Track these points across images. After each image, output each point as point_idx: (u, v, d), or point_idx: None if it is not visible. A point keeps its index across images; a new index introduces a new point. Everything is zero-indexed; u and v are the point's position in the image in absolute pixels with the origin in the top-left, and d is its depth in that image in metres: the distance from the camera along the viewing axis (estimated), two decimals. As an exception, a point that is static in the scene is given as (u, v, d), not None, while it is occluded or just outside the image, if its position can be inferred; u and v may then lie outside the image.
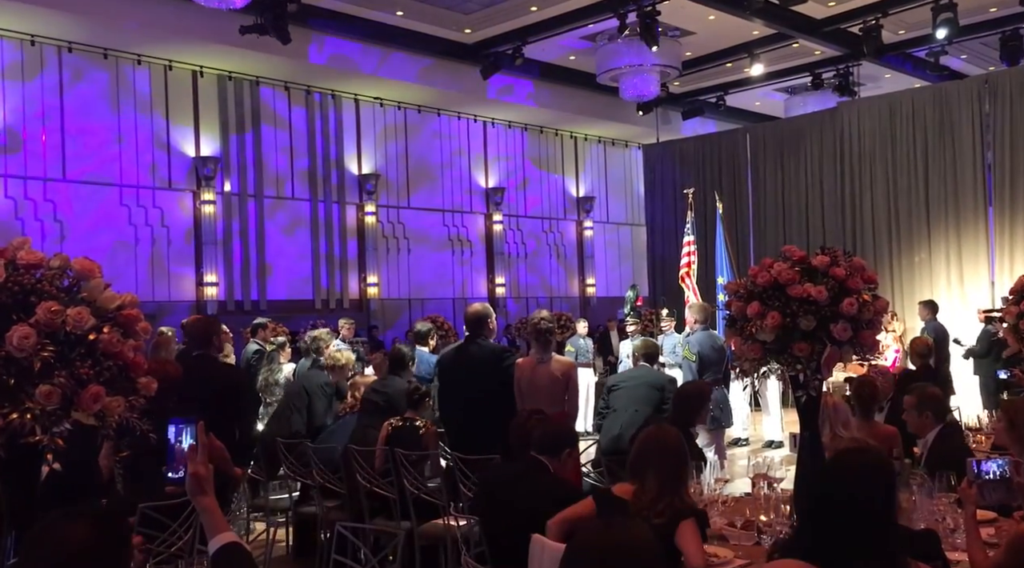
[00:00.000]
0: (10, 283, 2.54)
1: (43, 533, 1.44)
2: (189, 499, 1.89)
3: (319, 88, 13.34)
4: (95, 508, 1.53)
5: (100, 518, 1.48)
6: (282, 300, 12.69)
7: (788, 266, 3.66)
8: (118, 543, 1.48)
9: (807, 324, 3.54)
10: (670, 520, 2.74)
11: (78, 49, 10.98)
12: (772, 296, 3.61)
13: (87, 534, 1.43)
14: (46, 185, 10.83)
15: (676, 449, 2.96)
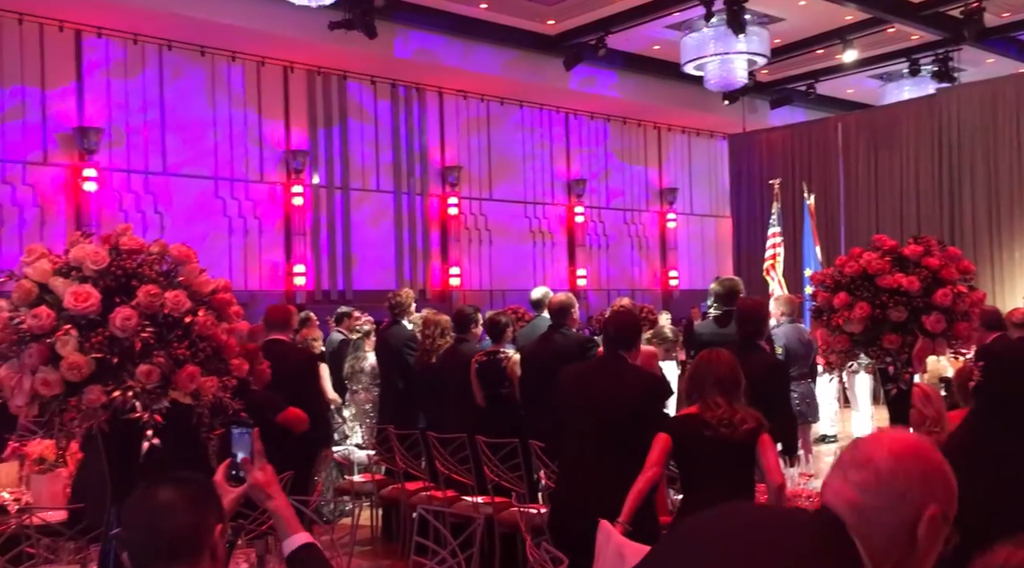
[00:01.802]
0: (114, 267, 2.68)
1: (135, 499, 1.60)
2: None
3: (404, 82, 13.55)
4: (178, 475, 1.67)
5: (181, 481, 1.62)
6: (367, 290, 12.95)
7: (878, 256, 3.55)
8: (201, 502, 1.60)
9: (897, 315, 3.43)
10: (756, 428, 2.89)
11: (177, 47, 11.43)
12: (860, 286, 3.51)
13: (170, 495, 1.57)
14: (147, 178, 11.32)
15: (732, 365, 3.11)
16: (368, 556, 5.33)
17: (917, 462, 1.35)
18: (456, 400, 5.38)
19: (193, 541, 1.54)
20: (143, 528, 1.56)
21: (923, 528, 1.30)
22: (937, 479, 1.34)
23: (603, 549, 2.82)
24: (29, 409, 2.61)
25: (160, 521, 1.54)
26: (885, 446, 1.39)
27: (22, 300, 2.59)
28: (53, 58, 10.56)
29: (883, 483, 1.34)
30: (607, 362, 3.65)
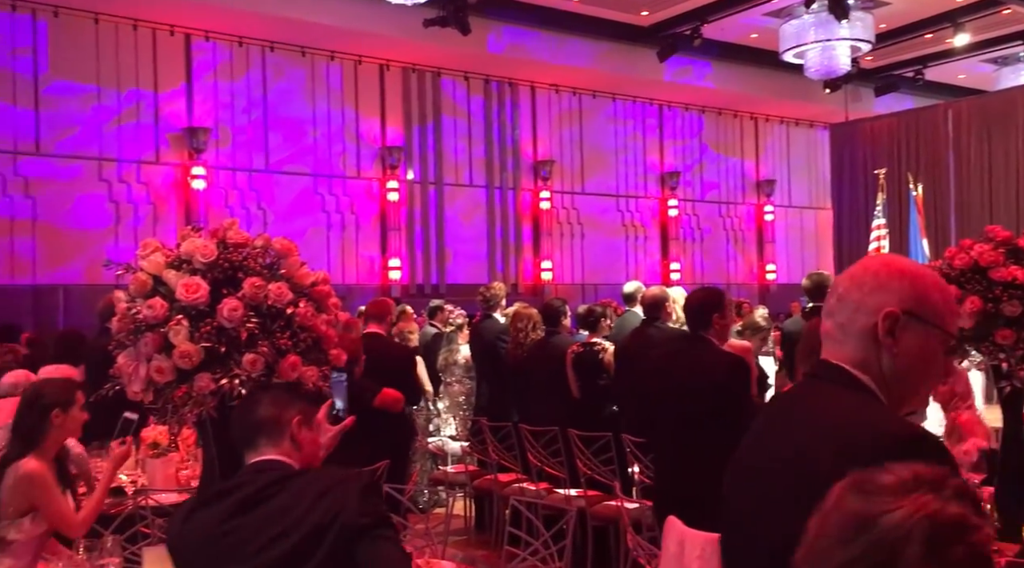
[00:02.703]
0: (221, 260, 2.79)
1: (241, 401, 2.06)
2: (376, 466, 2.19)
3: (497, 77, 13.63)
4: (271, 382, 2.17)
5: (270, 386, 2.11)
6: (460, 284, 13.10)
7: (991, 247, 3.38)
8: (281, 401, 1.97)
9: (1012, 310, 3.25)
10: None
11: (279, 48, 11.81)
12: (971, 280, 3.35)
13: (260, 395, 2.03)
14: (251, 175, 11.74)
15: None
16: (462, 546, 5.41)
17: (872, 273, 1.36)
18: (548, 393, 5.39)
19: (274, 427, 1.89)
20: (240, 418, 1.97)
21: (880, 327, 1.32)
22: (894, 283, 1.34)
23: (667, 542, 2.82)
24: (144, 395, 2.75)
25: (250, 412, 1.95)
26: (847, 271, 1.42)
27: (138, 291, 2.73)
28: (165, 62, 11.06)
29: (842, 301, 1.37)
30: (686, 345, 3.62)
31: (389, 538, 1.77)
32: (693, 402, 3.40)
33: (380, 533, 1.75)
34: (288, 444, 1.88)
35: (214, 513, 1.81)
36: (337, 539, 1.71)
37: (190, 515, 1.87)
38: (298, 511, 1.74)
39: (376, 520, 1.76)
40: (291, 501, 1.77)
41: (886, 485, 0.87)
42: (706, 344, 3.52)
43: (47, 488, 3.01)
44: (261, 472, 1.85)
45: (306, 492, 1.78)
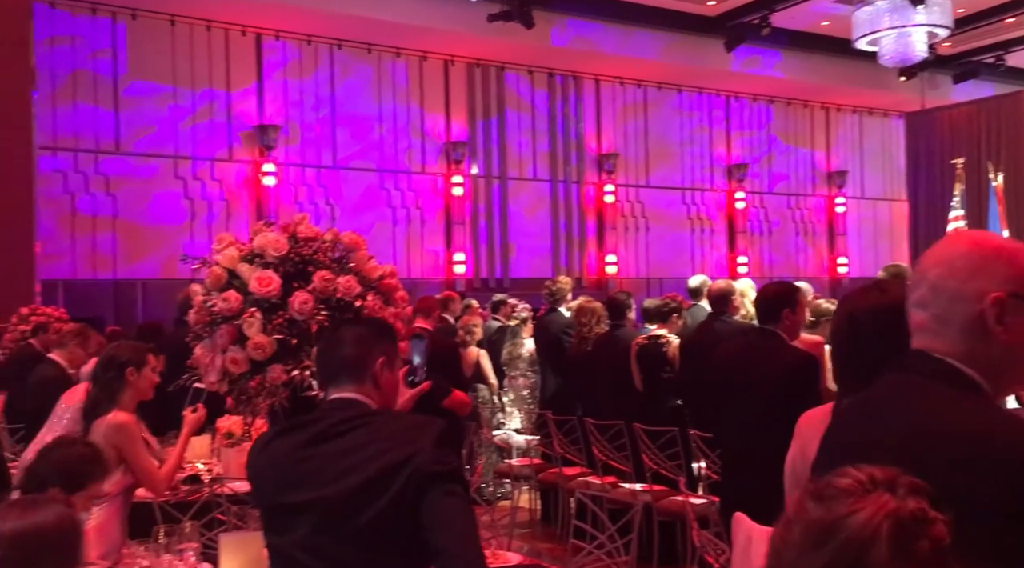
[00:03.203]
0: (292, 254, 2.86)
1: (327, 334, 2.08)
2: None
3: (561, 70, 13.59)
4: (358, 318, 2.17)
5: (358, 322, 2.08)
6: (523, 278, 13.12)
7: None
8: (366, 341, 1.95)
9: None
10: None
11: (347, 46, 11.99)
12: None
13: (344, 332, 1.99)
14: (319, 172, 11.96)
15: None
16: (527, 538, 5.43)
17: (964, 256, 1.27)
18: (612, 387, 5.38)
19: (358, 366, 1.90)
20: (324, 355, 1.98)
21: (989, 315, 1.22)
22: (991, 265, 1.25)
23: (737, 538, 2.79)
24: (220, 386, 2.84)
25: (335, 349, 1.95)
26: (932, 256, 1.31)
27: (213, 285, 2.82)
28: (237, 61, 11.34)
29: (937, 290, 1.27)
30: (755, 339, 3.58)
31: (457, 494, 1.73)
32: (757, 398, 3.34)
33: (451, 487, 1.72)
34: (369, 384, 1.88)
35: (290, 442, 1.84)
36: (409, 481, 1.69)
37: (268, 444, 1.91)
38: (373, 448, 1.75)
39: (449, 472, 1.73)
40: (367, 438, 1.77)
41: (843, 488, 0.88)
42: (775, 339, 3.44)
43: (135, 439, 3.19)
44: (339, 408, 1.86)
45: (382, 430, 1.78)
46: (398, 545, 1.72)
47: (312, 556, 1.79)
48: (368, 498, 1.72)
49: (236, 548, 2.51)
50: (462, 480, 1.77)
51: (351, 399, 1.87)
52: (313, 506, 1.77)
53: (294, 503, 1.80)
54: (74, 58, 10.35)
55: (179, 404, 3.63)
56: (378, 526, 1.71)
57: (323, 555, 1.78)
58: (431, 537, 1.68)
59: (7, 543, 1.63)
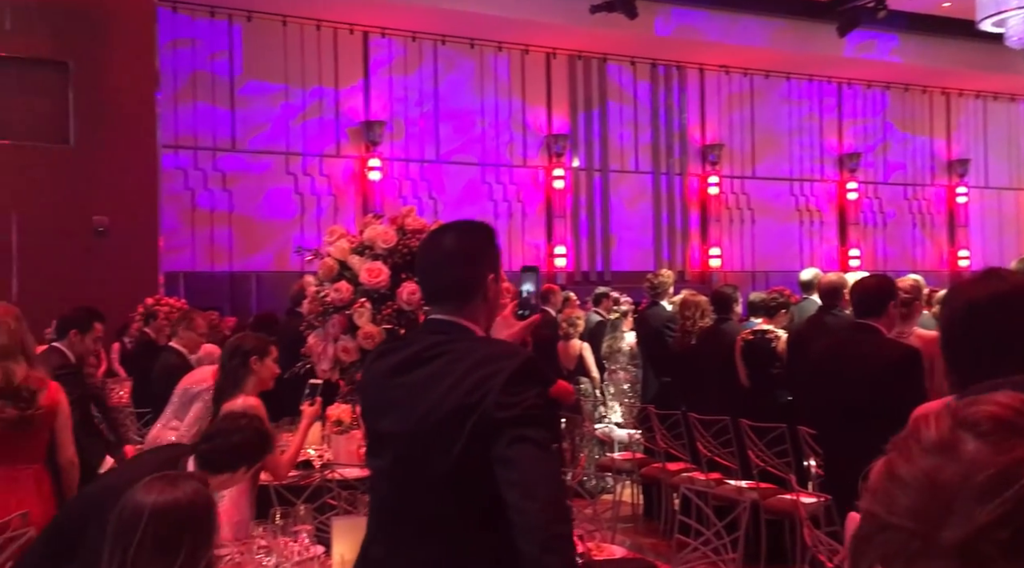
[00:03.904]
0: (400, 246, 2.93)
1: (427, 240, 1.88)
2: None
3: (664, 61, 13.40)
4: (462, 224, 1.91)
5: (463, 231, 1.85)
6: (625, 271, 13.02)
7: None
8: (474, 259, 1.78)
9: None
10: None
11: (450, 41, 12.15)
12: None
13: (452, 246, 1.80)
14: (423, 166, 12.17)
15: None
16: (629, 533, 5.40)
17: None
18: (717, 382, 5.28)
19: (468, 288, 1.75)
20: (429, 272, 1.83)
21: None
22: None
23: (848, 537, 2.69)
24: (332, 374, 2.93)
25: (441, 269, 1.79)
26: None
27: (326, 276, 2.92)
28: (345, 59, 11.65)
29: None
30: (854, 334, 3.47)
31: (528, 438, 1.51)
32: (858, 394, 3.23)
33: (519, 432, 1.51)
34: (478, 301, 1.74)
35: (385, 365, 1.77)
36: (474, 433, 1.53)
37: (373, 362, 1.84)
38: (445, 384, 1.61)
39: (517, 415, 1.52)
40: (444, 369, 1.63)
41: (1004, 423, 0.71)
42: (875, 334, 3.34)
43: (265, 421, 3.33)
44: (432, 331, 1.75)
45: (459, 363, 1.62)
46: (478, 502, 1.57)
47: (392, 487, 1.73)
48: (439, 446, 1.59)
49: (347, 531, 2.58)
50: (535, 420, 1.54)
51: (446, 321, 1.73)
52: (394, 439, 1.70)
53: (380, 430, 1.75)
54: (194, 60, 10.85)
55: (292, 391, 3.77)
56: (450, 480, 1.58)
57: (402, 491, 1.69)
58: (503, 491, 1.49)
59: (152, 516, 1.72)
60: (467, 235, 1.81)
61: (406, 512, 1.68)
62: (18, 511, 3.09)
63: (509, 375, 1.55)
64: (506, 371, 1.55)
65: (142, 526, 1.70)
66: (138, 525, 1.70)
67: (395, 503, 1.71)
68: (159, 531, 1.72)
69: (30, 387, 3.15)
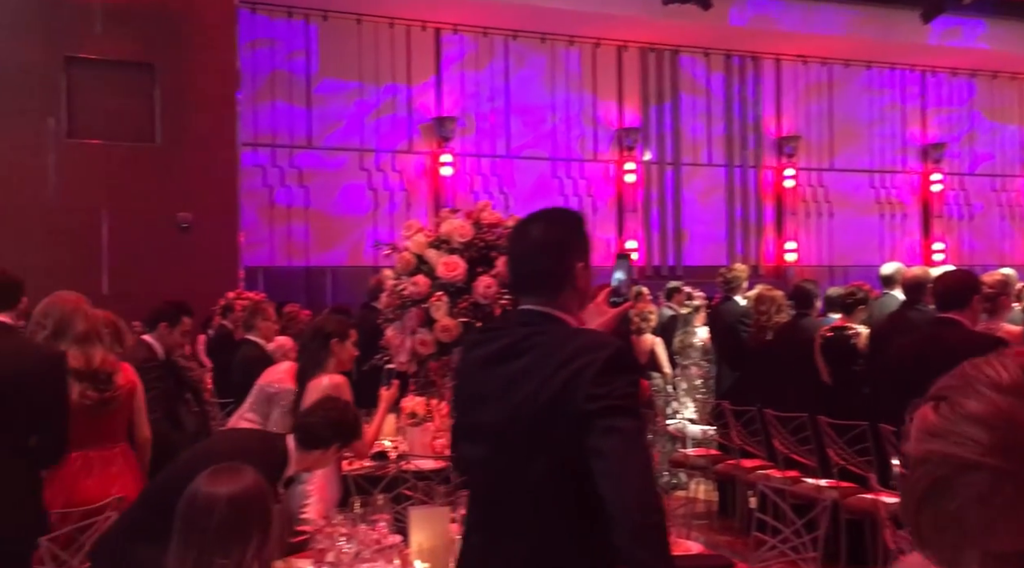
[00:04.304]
0: (476, 240, 2.96)
1: (516, 230, 1.89)
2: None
3: (739, 52, 13.16)
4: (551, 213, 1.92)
5: (552, 220, 1.85)
6: (697, 265, 12.85)
7: None
8: (562, 248, 1.78)
9: None
10: None
11: (521, 36, 12.17)
12: None
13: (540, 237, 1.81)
14: (494, 161, 12.23)
15: None
16: (703, 530, 5.34)
17: None
18: (795, 378, 5.18)
19: (557, 278, 1.74)
20: (518, 263, 1.85)
21: None
22: None
23: None
24: (409, 366, 2.98)
25: (529, 259, 1.80)
26: None
27: (403, 269, 2.97)
28: (417, 56, 11.78)
29: None
30: (938, 328, 3.38)
31: (617, 429, 1.51)
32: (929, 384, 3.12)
33: (608, 422, 1.51)
34: (568, 291, 1.74)
35: (479, 355, 1.78)
36: (568, 420, 1.54)
37: (471, 350, 1.86)
38: (539, 376, 1.61)
39: (607, 406, 1.52)
40: (538, 361, 1.63)
41: None
42: (959, 327, 3.25)
43: (349, 397, 3.41)
44: (524, 322, 1.74)
45: (552, 355, 1.62)
46: (572, 493, 1.57)
47: (488, 477, 1.74)
48: (533, 438, 1.60)
49: (425, 521, 2.63)
50: (625, 410, 1.54)
51: (538, 312, 1.73)
52: (489, 429, 1.71)
53: (475, 420, 1.76)
54: (272, 59, 11.12)
55: (369, 382, 3.84)
56: (544, 471, 1.59)
57: (497, 481, 1.70)
58: (595, 482, 1.50)
59: (226, 505, 1.78)
60: (554, 224, 1.82)
61: (501, 502, 1.70)
62: (114, 487, 3.24)
63: (600, 366, 1.55)
64: (597, 362, 1.56)
65: (217, 515, 1.76)
66: (212, 514, 1.76)
67: (491, 493, 1.74)
68: (233, 519, 1.78)
69: (107, 370, 3.29)
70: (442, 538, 2.58)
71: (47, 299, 3.28)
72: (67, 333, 3.18)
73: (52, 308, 3.20)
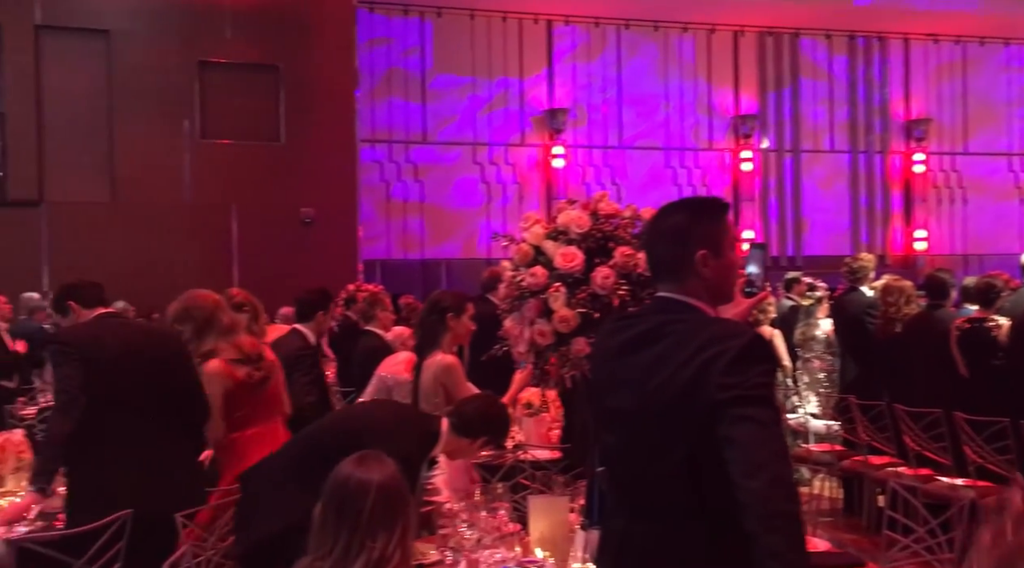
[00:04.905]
0: (594, 231, 2.94)
1: (654, 220, 1.88)
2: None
3: (864, 32, 12.63)
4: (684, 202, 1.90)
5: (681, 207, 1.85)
6: (817, 255, 12.43)
7: None
8: (686, 237, 1.76)
9: None
10: None
11: (633, 25, 12.04)
12: None
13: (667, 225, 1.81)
14: (605, 152, 12.16)
15: None
16: (827, 528, 5.17)
17: None
18: (927, 371, 4.93)
19: (676, 266, 1.76)
20: (647, 250, 1.87)
21: None
22: None
23: None
24: (527, 356, 3.00)
25: (654, 247, 1.84)
26: None
27: (521, 261, 2.98)
28: (529, 49, 11.84)
29: None
30: None
31: (751, 418, 1.51)
32: None
33: (742, 412, 1.51)
34: (692, 280, 1.73)
35: (617, 341, 1.79)
36: (700, 409, 1.55)
37: (606, 337, 1.86)
38: (673, 365, 1.61)
39: (739, 395, 1.52)
40: (672, 350, 1.64)
41: None
42: None
43: (462, 379, 3.53)
44: (658, 309, 1.76)
45: (686, 344, 1.63)
46: (705, 481, 1.58)
47: (623, 463, 1.75)
48: (667, 426, 1.62)
49: (544, 510, 2.65)
50: (758, 399, 1.53)
51: (671, 299, 1.74)
52: (624, 416, 1.72)
53: (610, 407, 1.77)
54: (389, 57, 11.41)
55: (486, 373, 3.89)
56: (678, 459, 1.61)
57: (632, 467, 1.72)
58: (728, 470, 1.50)
59: (377, 491, 1.85)
60: (680, 212, 1.81)
61: (637, 488, 1.73)
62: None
63: (733, 355, 1.55)
64: (730, 352, 1.56)
65: (370, 500, 1.83)
66: (366, 499, 1.83)
67: (628, 478, 1.76)
68: (382, 506, 1.84)
69: (257, 350, 3.45)
70: (562, 527, 2.60)
71: (182, 303, 3.37)
72: (212, 329, 3.30)
73: (193, 310, 3.31)
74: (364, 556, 1.79)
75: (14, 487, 3.25)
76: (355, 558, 1.79)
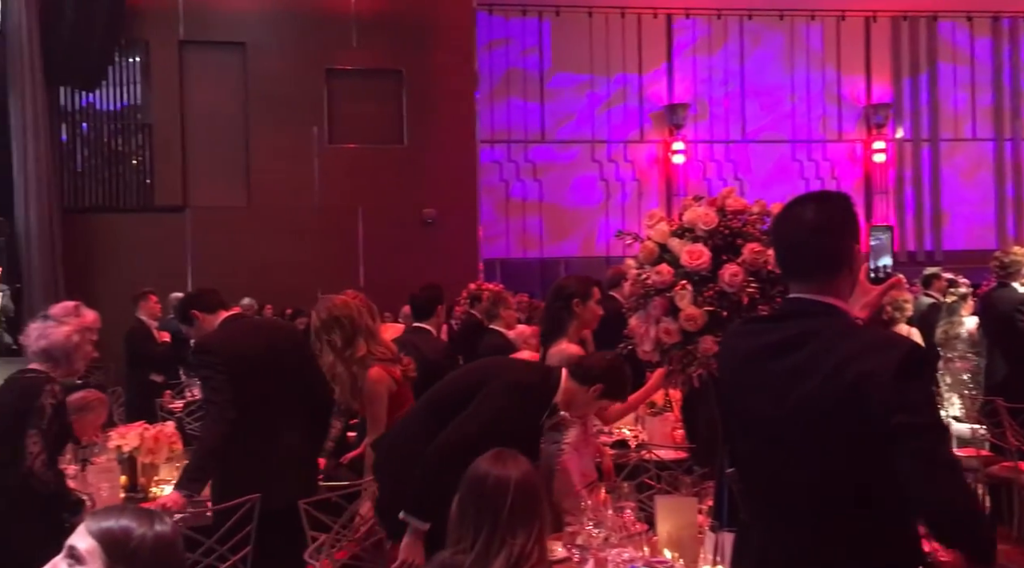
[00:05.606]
0: (721, 227, 2.87)
1: (784, 213, 1.76)
2: None
3: (1010, 12, 11.85)
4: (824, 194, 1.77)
5: (824, 198, 1.72)
6: (959, 250, 11.75)
7: None
8: (837, 231, 1.67)
9: None
10: None
11: (757, 16, 11.71)
12: None
13: (814, 221, 1.68)
14: (728, 147, 11.88)
15: None
16: (972, 539, 4.91)
17: None
18: (1087, 376, 4.58)
19: (833, 262, 1.66)
20: (787, 245, 1.74)
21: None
22: None
23: None
24: (652, 355, 2.96)
25: (802, 241, 1.69)
26: None
27: (646, 259, 2.94)
28: (648, 44, 11.70)
29: None
30: None
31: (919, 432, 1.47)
32: None
33: (910, 427, 1.47)
34: (843, 276, 1.66)
35: (753, 345, 1.72)
36: (858, 423, 1.50)
37: (740, 339, 1.80)
38: (820, 374, 1.55)
39: (903, 423, 1.46)
40: (818, 358, 1.58)
41: None
42: None
43: None
44: (800, 313, 1.67)
45: (833, 352, 1.57)
46: (848, 490, 1.55)
47: (761, 471, 1.71)
48: (813, 435, 1.56)
49: (672, 511, 2.61)
50: (923, 427, 1.49)
51: (812, 301, 1.66)
52: (763, 424, 1.67)
53: (747, 413, 1.72)
54: (507, 58, 11.51)
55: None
56: (823, 468, 1.56)
57: (772, 475, 1.67)
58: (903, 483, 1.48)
59: (516, 488, 1.87)
60: (826, 205, 1.72)
61: (778, 494, 1.68)
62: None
63: (895, 370, 1.50)
64: (890, 365, 1.50)
65: (509, 498, 1.84)
66: (506, 496, 1.85)
67: (767, 485, 1.71)
68: (522, 503, 1.85)
69: (395, 348, 3.53)
70: (690, 529, 2.55)
71: (327, 312, 3.34)
72: (361, 334, 3.31)
73: (342, 318, 3.30)
74: (505, 552, 1.80)
75: (167, 475, 3.46)
76: (496, 554, 1.80)
